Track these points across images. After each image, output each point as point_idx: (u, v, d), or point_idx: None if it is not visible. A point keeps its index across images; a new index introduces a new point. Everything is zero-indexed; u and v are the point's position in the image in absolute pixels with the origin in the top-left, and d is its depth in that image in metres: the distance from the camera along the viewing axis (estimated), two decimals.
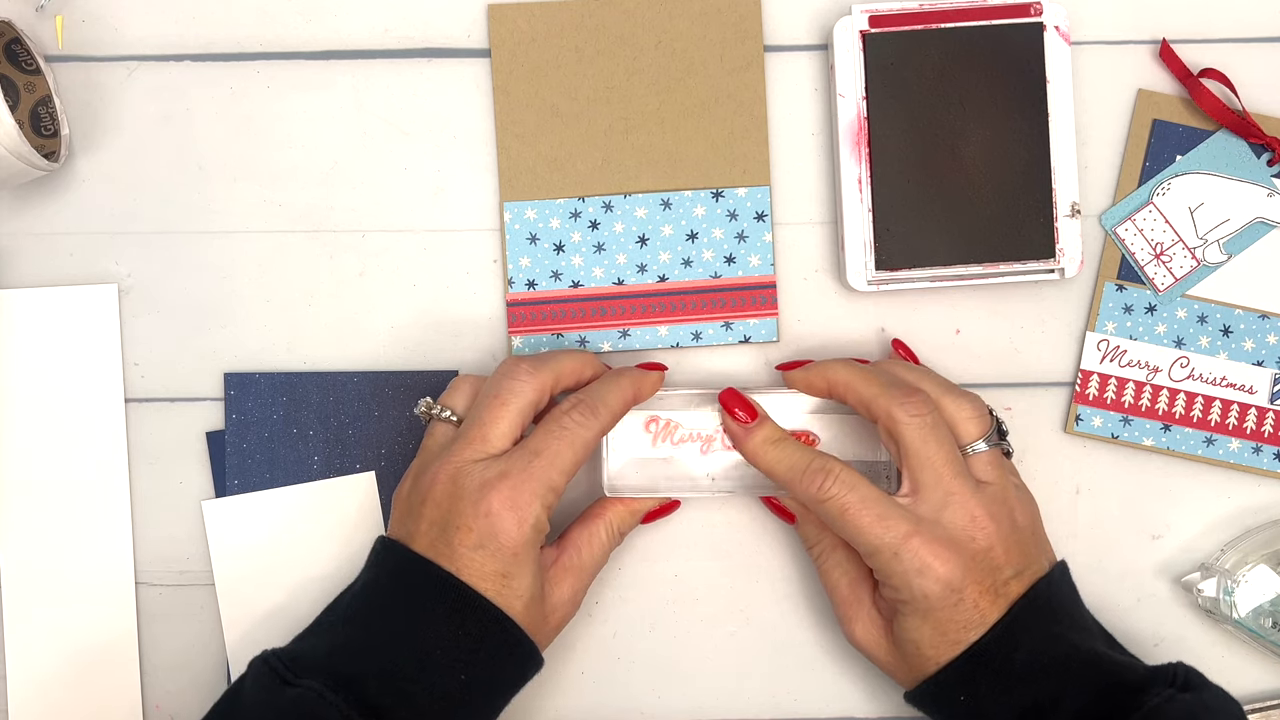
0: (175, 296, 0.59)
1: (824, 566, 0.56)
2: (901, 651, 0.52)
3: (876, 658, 0.54)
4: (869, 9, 0.56)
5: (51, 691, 0.58)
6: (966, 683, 0.51)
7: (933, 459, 0.51)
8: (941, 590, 0.50)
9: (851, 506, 0.51)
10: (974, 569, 0.50)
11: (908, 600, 0.51)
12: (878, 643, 0.54)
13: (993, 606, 0.50)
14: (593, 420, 0.52)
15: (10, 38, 0.56)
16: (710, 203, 0.58)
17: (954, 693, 0.51)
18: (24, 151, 0.53)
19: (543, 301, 0.58)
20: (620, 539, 0.56)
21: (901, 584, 0.50)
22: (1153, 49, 0.59)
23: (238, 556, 0.58)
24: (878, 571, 0.52)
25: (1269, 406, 0.58)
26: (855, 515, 0.51)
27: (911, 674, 0.52)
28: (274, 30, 0.59)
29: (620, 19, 0.58)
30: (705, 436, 0.56)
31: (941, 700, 0.52)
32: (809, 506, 0.53)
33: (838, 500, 0.51)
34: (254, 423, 0.58)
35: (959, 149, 0.56)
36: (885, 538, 0.50)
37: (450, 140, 0.59)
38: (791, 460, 0.53)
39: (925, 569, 0.50)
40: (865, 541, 0.51)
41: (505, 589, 0.50)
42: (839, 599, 0.55)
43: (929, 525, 0.50)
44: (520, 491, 0.50)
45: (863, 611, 0.54)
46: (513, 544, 0.50)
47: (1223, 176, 0.58)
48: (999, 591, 0.50)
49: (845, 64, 0.56)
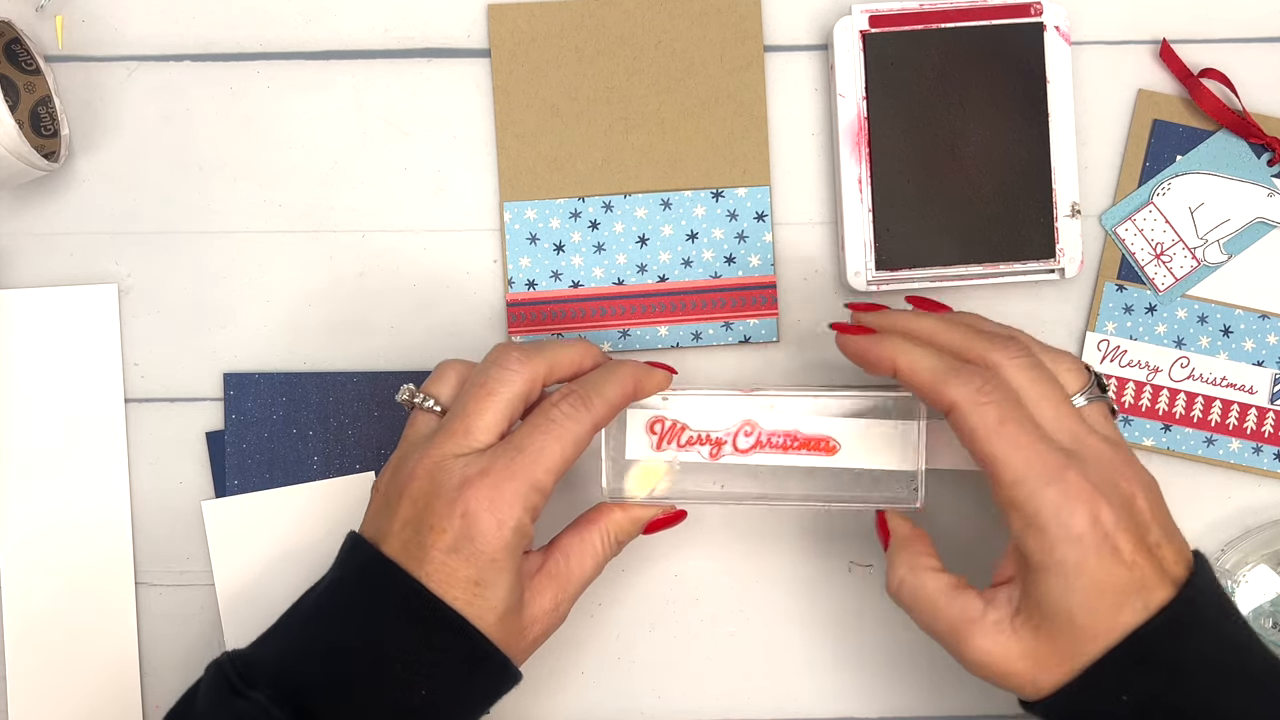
0: (175, 296, 0.59)
1: (909, 594, 0.49)
2: (1046, 636, 0.45)
3: (1009, 670, 0.46)
4: (869, 9, 0.56)
5: (51, 691, 0.58)
6: (1129, 677, 0.44)
7: (1046, 393, 0.46)
8: (1094, 534, 0.44)
9: (1011, 418, 0.45)
10: (1124, 516, 0.44)
11: (1052, 551, 0.44)
12: (1008, 649, 0.46)
13: (1150, 567, 0.44)
14: (584, 413, 0.48)
15: (10, 38, 0.56)
16: (710, 203, 0.58)
17: (1114, 691, 0.44)
18: (24, 151, 0.53)
19: (543, 301, 0.58)
20: (618, 549, 0.52)
21: (1049, 522, 0.44)
22: (1153, 49, 0.59)
23: (238, 556, 0.58)
24: (1017, 510, 0.45)
25: (1269, 406, 0.58)
26: (1014, 429, 0.45)
27: (1057, 671, 0.45)
28: (274, 30, 0.59)
29: (620, 19, 0.58)
30: (715, 440, 0.53)
31: (1098, 700, 0.44)
32: (949, 412, 0.46)
33: (997, 407, 0.45)
34: (254, 423, 0.58)
35: (959, 149, 0.56)
36: (1039, 464, 0.44)
37: (450, 140, 0.59)
38: (933, 362, 0.47)
39: (1076, 506, 0.44)
40: (1017, 463, 0.44)
41: (478, 598, 0.47)
42: (943, 623, 0.47)
43: (1079, 460, 0.45)
44: (501, 491, 0.46)
45: (980, 621, 0.47)
46: (490, 549, 0.46)
47: (1223, 176, 0.58)
48: (1153, 552, 0.45)
49: (845, 64, 0.56)
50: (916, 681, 0.59)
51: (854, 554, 0.59)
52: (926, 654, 0.59)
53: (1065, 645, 0.45)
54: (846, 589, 0.59)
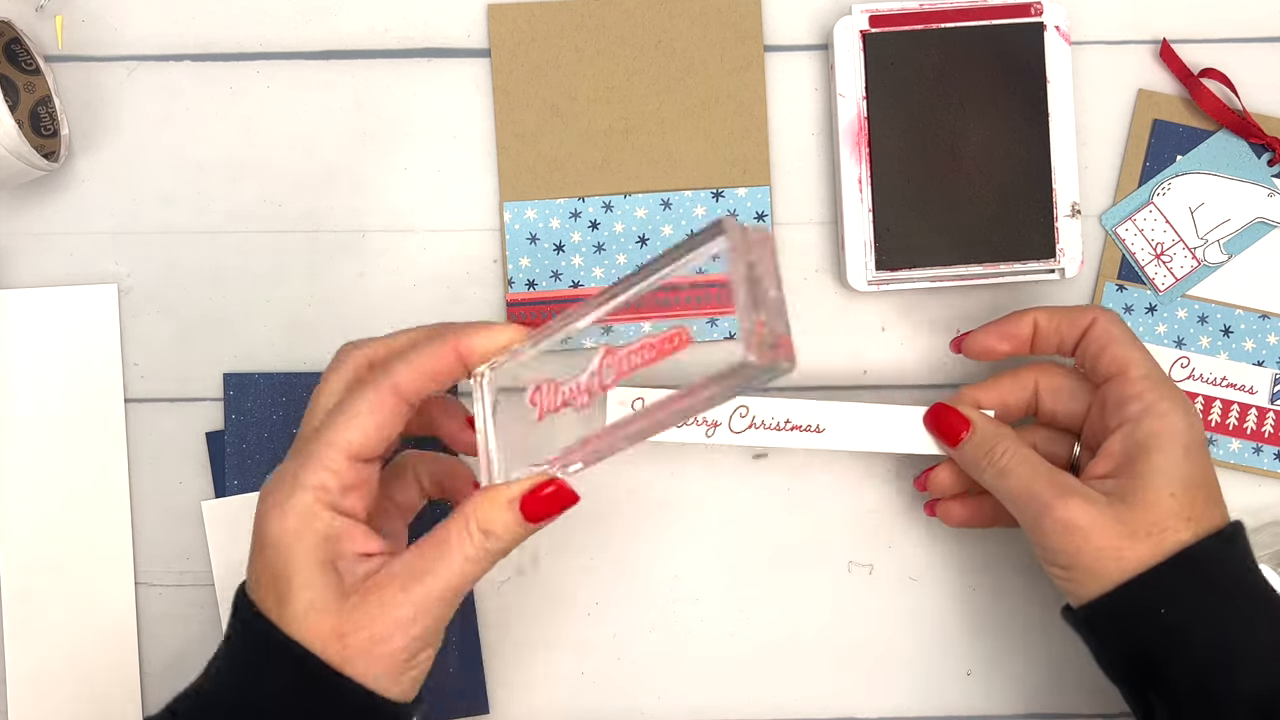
0: (175, 296, 0.59)
1: (1013, 463, 0.50)
2: (1141, 511, 0.47)
3: (1097, 530, 0.47)
4: (869, 9, 0.56)
5: (51, 691, 0.58)
6: (1176, 587, 0.47)
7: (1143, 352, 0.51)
8: (1199, 432, 0.49)
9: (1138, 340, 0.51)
10: (1204, 449, 0.50)
11: (1167, 437, 0.48)
12: (1101, 513, 0.48)
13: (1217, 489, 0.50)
14: (382, 378, 0.42)
15: (10, 38, 0.56)
16: (710, 203, 0.58)
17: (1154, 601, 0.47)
18: (24, 151, 0.53)
19: (543, 301, 0.58)
20: (493, 541, 0.43)
21: (1170, 411, 0.49)
22: (1153, 49, 0.59)
23: (238, 556, 0.58)
24: (1139, 401, 0.49)
25: (1269, 406, 0.58)
26: (1143, 346, 0.51)
27: (1144, 545, 0.47)
28: (274, 30, 0.59)
29: (620, 19, 0.58)
30: (583, 388, 0.43)
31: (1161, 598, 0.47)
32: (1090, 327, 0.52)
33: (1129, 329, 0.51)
34: (254, 423, 0.58)
35: (959, 149, 0.56)
36: (1160, 373, 0.50)
37: (450, 140, 0.59)
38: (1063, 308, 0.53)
39: (1190, 407, 0.49)
40: (1150, 363, 0.50)
41: (283, 603, 0.41)
42: (1042, 487, 0.49)
43: None
44: (283, 478, 0.40)
45: (1077, 488, 0.49)
46: (277, 540, 0.40)
47: (1223, 176, 0.58)
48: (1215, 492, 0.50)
49: (845, 64, 0.56)
50: (916, 681, 0.59)
51: (854, 554, 0.59)
52: (926, 654, 0.59)
53: (1160, 517, 0.47)
54: (846, 589, 0.59)
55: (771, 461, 0.59)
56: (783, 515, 0.59)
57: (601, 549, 0.59)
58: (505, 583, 0.59)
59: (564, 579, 0.59)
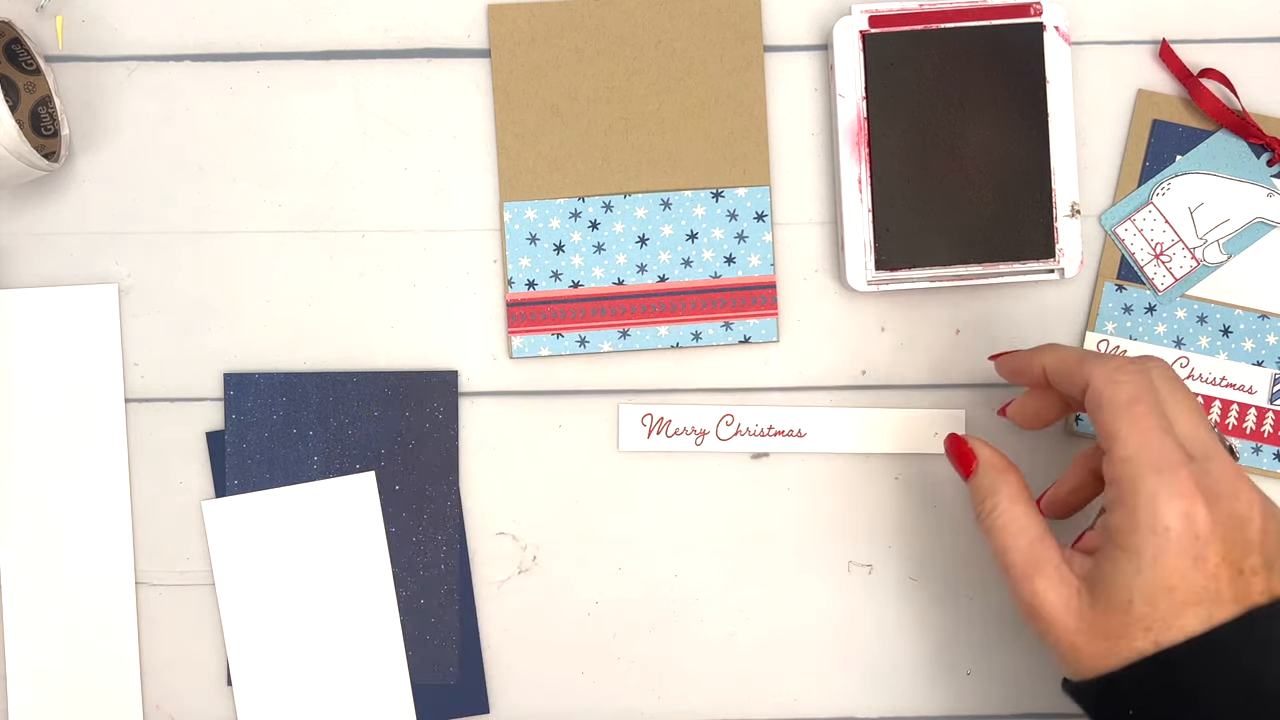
0: (175, 296, 0.59)
1: (999, 523, 0.49)
2: (1101, 610, 0.45)
3: (1057, 623, 0.46)
4: (869, 9, 0.56)
5: (51, 691, 0.58)
6: (1172, 684, 0.44)
7: (1188, 403, 0.46)
8: (1183, 533, 0.44)
9: (1143, 401, 0.45)
10: (1227, 530, 0.44)
11: (1134, 534, 0.44)
12: (1065, 604, 0.46)
13: (1229, 585, 0.44)
14: None
15: (10, 38, 0.56)
16: (710, 203, 0.58)
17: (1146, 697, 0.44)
18: (24, 151, 0.53)
19: (543, 301, 0.58)
20: None
21: (1141, 507, 0.44)
22: (1153, 49, 0.59)
23: (238, 556, 0.58)
24: (1115, 486, 0.46)
25: (1269, 406, 0.58)
26: (1142, 412, 0.45)
27: (1101, 647, 0.45)
28: (274, 30, 0.59)
29: (620, 19, 0.58)
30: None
31: (1125, 698, 0.45)
32: (1084, 392, 0.47)
33: (1131, 388, 0.46)
34: (254, 423, 0.58)
35: (959, 149, 0.56)
36: (1154, 451, 0.45)
37: (450, 140, 0.59)
38: (1079, 352, 0.49)
39: (1175, 501, 0.44)
40: (1133, 443, 0.45)
41: None
42: (1017, 559, 0.48)
43: (1200, 466, 0.45)
44: None
45: (1049, 568, 0.47)
46: None
47: (1223, 176, 0.58)
48: (1242, 575, 0.44)
49: (845, 64, 0.56)
50: (916, 681, 0.59)
51: (854, 554, 0.59)
52: (927, 654, 0.59)
53: (1117, 625, 0.45)
54: (846, 589, 0.59)
55: (771, 462, 0.59)
56: (783, 515, 0.59)
57: (601, 549, 0.59)
58: (505, 583, 0.59)
59: (564, 579, 0.59)
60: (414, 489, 0.58)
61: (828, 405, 0.59)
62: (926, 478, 0.59)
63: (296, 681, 0.58)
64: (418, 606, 0.58)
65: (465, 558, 0.58)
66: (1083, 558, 0.47)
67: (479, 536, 0.59)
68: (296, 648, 0.58)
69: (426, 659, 0.58)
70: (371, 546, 0.58)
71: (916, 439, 0.58)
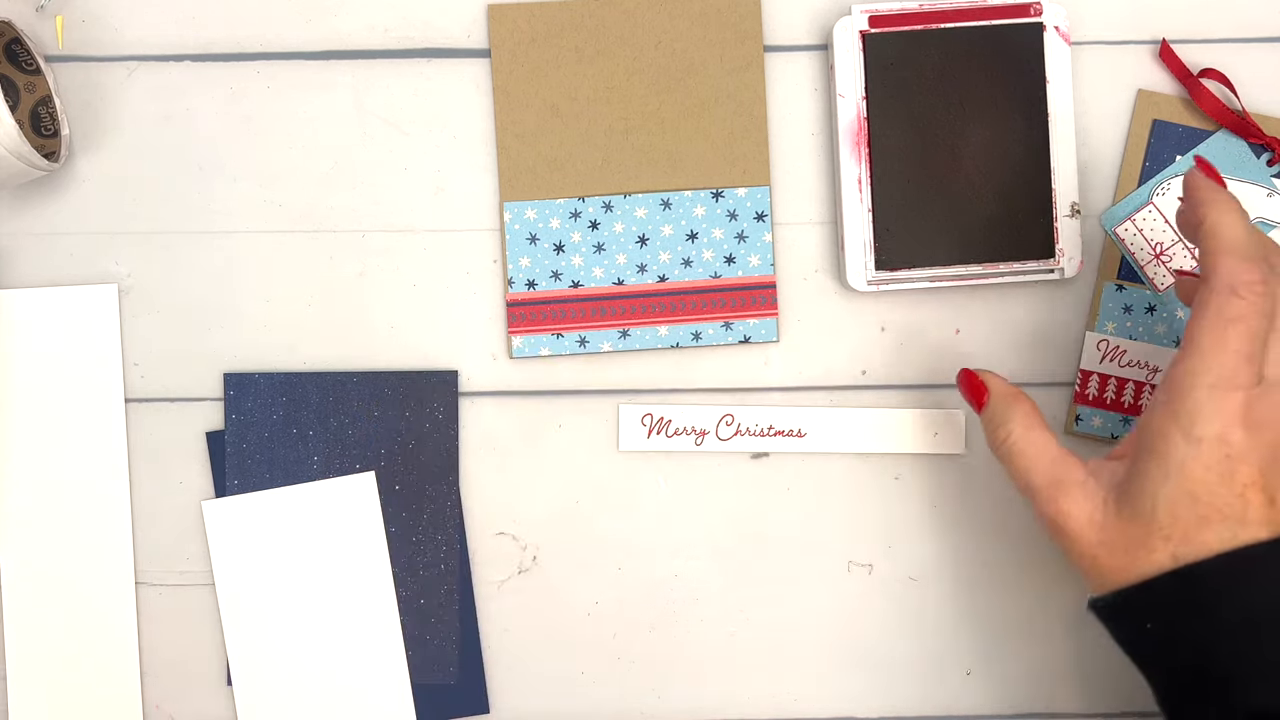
0: (175, 296, 0.59)
1: (1016, 448, 0.49)
2: (1125, 520, 0.45)
3: (1081, 537, 0.46)
4: (869, 9, 0.56)
5: (51, 691, 0.58)
6: (1182, 604, 0.43)
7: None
8: (1215, 447, 0.43)
9: (1242, 318, 0.44)
10: (1264, 456, 0.43)
11: (1166, 441, 0.44)
12: (1089, 518, 0.46)
13: (1261, 508, 0.43)
14: None
15: (10, 38, 0.56)
16: (710, 203, 0.58)
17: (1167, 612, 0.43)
18: (24, 151, 0.53)
19: (543, 301, 0.58)
20: None
21: (1180, 415, 0.44)
22: (1153, 49, 0.59)
23: (238, 556, 0.58)
24: (1166, 387, 0.45)
25: None
26: (1232, 330, 0.44)
27: (1122, 560, 0.45)
28: (274, 30, 0.59)
29: (620, 19, 0.58)
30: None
31: (1145, 613, 0.44)
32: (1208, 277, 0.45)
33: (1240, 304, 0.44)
34: (254, 423, 0.58)
35: (959, 149, 0.56)
36: (1218, 366, 0.43)
37: (450, 140, 0.59)
38: (1244, 234, 0.46)
39: (1216, 416, 0.43)
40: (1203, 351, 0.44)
41: None
42: (1039, 479, 0.47)
43: (1259, 394, 0.44)
44: None
45: (1072, 484, 0.47)
46: None
47: (1223, 176, 0.58)
48: (1274, 504, 0.43)
49: (845, 64, 0.56)
50: (916, 681, 0.59)
51: (854, 554, 0.59)
52: (926, 654, 0.59)
53: (1139, 535, 0.44)
54: (846, 589, 0.59)
55: (771, 462, 0.59)
56: (783, 515, 0.59)
57: (601, 549, 0.59)
58: (505, 583, 0.59)
59: (564, 579, 0.59)
60: (414, 489, 0.58)
61: (828, 405, 0.59)
62: (926, 478, 0.59)
63: (296, 681, 0.58)
64: (418, 606, 0.58)
65: (465, 558, 0.59)
66: (1113, 465, 0.47)
67: (479, 536, 0.59)
68: (296, 648, 0.58)
69: (426, 659, 0.58)
70: (371, 546, 0.58)
71: (916, 439, 0.58)
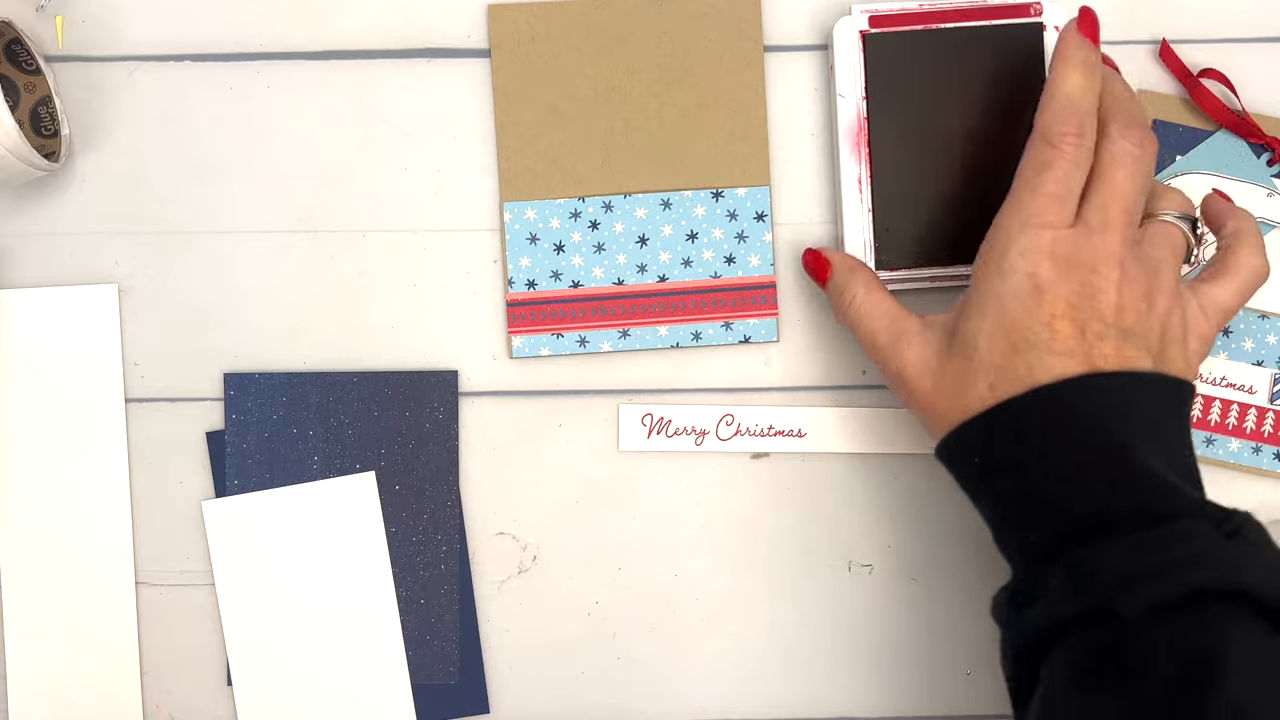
0: (175, 296, 0.59)
1: (860, 310, 0.52)
2: (952, 360, 0.48)
3: (918, 384, 0.49)
4: (869, 9, 0.56)
5: (51, 691, 0.58)
6: (1001, 434, 0.46)
7: (1120, 186, 0.47)
8: (1023, 279, 0.46)
9: (1052, 178, 0.47)
10: (1074, 290, 0.46)
11: (984, 280, 0.47)
12: (925, 364, 0.49)
13: (1072, 341, 0.45)
14: None
15: (10, 38, 0.56)
16: (710, 203, 0.58)
17: (988, 443, 0.46)
18: (24, 151, 0.53)
19: (543, 301, 0.58)
20: None
21: (994, 248, 0.47)
22: (1153, 49, 0.59)
23: (238, 556, 0.58)
24: (989, 241, 0.48)
25: (1269, 406, 0.58)
26: (1050, 184, 0.47)
27: (953, 400, 0.48)
28: (274, 30, 0.59)
29: (620, 19, 0.58)
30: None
31: (973, 448, 0.47)
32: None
33: (1064, 167, 0.47)
34: (254, 423, 0.58)
35: (959, 148, 0.56)
36: (1034, 205, 0.47)
37: (450, 140, 0.59)
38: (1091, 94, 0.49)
39: (1027, 250, 0.46)
40: (1023, 192, 0.47)
41: None
42: (881, 338, 0.51)
43: (1069, 234, 0.47)
44: None
45: (910, 335, 0.50)
46: None
47: (1223, 176, 0.58)
48: (1088, 343, 0.46)
49: (845, 64, 0.56)
50: (916, 681, 0.59)
51: (854, 554, 0.59)
52: (926, 654, 0.59)
53: (963, 372, 0.47)
54: (846, 589, 0.59)
55: (771, 462, 0.59)
56: (783, 515, 0.59)
57: (601, 549, 0.59)
58: (505, 583, 0.59)
59: (564, 579, 0.59)
60: (414, 489, 0.58)
61: (828, 405, 0.59)
62: (926, 478, 0.59)
63: (296, 681, 0.58)
64: (418, 606, 0.58)
65: (465, 558, 0.59)
66: (945, 316, 0.50)
67: (479, 536, 0.59)
68: (296, 648, 0.58)
69: (426, 659, 0.58)
70: (371, 546, 0.58)
71: (916, 439, 0.58)
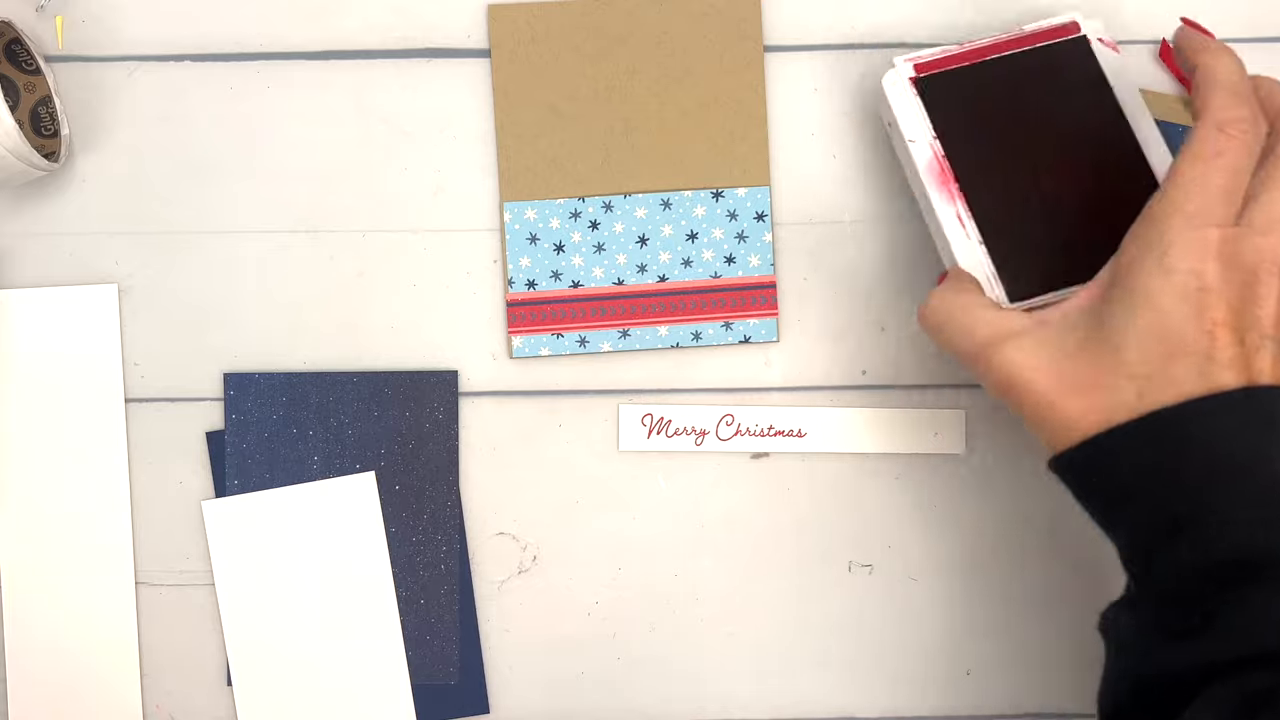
0: (175, 296, 0.59)
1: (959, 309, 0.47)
2: (1088, 358, 0.42)
3: (1037, 386, 0.43)
4: (912, 58, 0.54)
5: (51, 691, 0.58)
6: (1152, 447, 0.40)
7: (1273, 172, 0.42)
8: (1187, 279, 0.41)
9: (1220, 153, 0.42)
10: (1236, 296, 0.41)
11: (1139, 275, 0.42)
12: (1043, 365, 0.43)
13: (1230, 349, 0.40)
14: None
15: (10, 38, 0.56)
16: (710, 203, 0.58)
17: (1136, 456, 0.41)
18: (24, 151, 0.53)
19: (543, 301, 0.58)
20: None
21: (1154, 244, 0.41)
22: (1153, 49, 0.59)
23: (238, 556, 0.58)
24: (1145, 226, 0.43)
25: None
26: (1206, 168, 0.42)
27: (1083, 403, 0.42)
28: (274, 30, 0.59)
29: (620, 19, 0.58)
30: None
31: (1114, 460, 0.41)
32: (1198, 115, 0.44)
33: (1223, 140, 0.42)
34: (254, 423, 0.58)
35: (1043, 169, 0.53)
36: (1197, 197, 0.42)
37: (450, 140, 0.59)
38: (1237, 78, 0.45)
39: (1191, 247, 0.41)
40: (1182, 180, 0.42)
41: None
42: (986, 332, 0.45)
43: (1235, 233, 0.41)
44: None
45: (1022, 335, 0.44)
46: None
47: None
48: (1247, 354, 0.41)
49: (906, 111, 0.54)
50: (917, 681, 0.59)
51: (854, 554, 0.59)
52: (926, 654, 0.59)
53: (1102, 374, 0.42)
54: (846, 589, 0.59)
55: (771, 461, 0.59)
56: (782, 515, 0.59)
57: (601, 549, 0.59)
58: (505, 583, 0.59)
59: (564, 579, 0.59)
60: (414, 489, 0.58)
61: (828, 405, 0.59)
62: (927, 478, 0.59)
63: (296, 681, 0.58)
64: (418, 606, 0.58)
65: (465, 558, 0.59)
66: (1064, 309, 0.45)
67: (479, 536, 0.59)
68: (296, 648, 0.58)
69: (426, 659, 0.58)
70: (371, 546, 0.58)
71: (916, 439, 0.58)
